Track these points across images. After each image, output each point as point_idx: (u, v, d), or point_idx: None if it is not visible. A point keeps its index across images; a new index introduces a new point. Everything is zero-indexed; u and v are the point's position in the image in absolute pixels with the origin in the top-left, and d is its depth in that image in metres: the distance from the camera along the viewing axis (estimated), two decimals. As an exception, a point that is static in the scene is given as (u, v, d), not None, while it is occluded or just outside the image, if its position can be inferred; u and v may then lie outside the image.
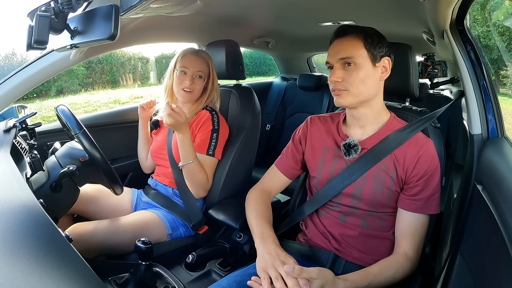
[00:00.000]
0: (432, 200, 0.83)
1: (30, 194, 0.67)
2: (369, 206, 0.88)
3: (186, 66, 1.23)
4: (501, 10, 2.36)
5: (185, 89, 1.23)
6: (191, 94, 1.25)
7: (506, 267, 0.52)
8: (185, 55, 1.25)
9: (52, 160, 1.00)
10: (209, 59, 1.29)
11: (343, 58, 0.82)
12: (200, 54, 1.27)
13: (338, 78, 0.83)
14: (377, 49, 0.82)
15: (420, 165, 0.83)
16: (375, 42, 0.82)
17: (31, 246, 0.52)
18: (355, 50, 0.82)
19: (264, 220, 0.89)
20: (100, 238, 1.05)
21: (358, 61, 0.81)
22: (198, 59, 1.25)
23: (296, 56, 2.61)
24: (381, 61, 0.84)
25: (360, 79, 0.82)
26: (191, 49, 1.29)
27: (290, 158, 1.01)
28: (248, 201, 0.97)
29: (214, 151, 1.23)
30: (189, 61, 1.24)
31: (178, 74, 1.24)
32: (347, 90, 0.83)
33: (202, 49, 1.32)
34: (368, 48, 0.82)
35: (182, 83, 1.23)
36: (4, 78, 1.21)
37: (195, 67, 1.24)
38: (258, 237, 0.83)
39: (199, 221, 1.22)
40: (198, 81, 1.25)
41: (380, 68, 0.84)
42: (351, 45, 0.82)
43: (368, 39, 0.82)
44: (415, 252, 0.83)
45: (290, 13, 1.42)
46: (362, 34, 0.82)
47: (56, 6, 0.58)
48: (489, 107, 0.92)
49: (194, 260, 1.01)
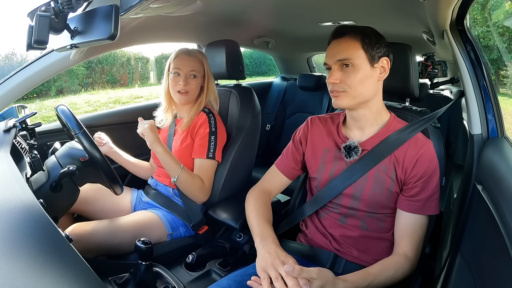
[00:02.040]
0: (431, 201, 0.83)
1: (30, 194, 0.67)
2: (369, 207, 0.88)
3: (179, 67, 1.22)
4: (501, 10, 2.36)
5: (181, 90, 1.22)
6: (187, 95, 1.23)
7: (506, 267, 0.52)
8: (177, 56, 1.24)
9: (52, 160, 1.00)
10: (203, 58, 1.27)
11: (340, 59, 0.82)
12: (193, 54, 1.25)
13: (336, 80, 0.82)
14: (375, 49, 0.82)
15: (419, 166, 0.83)
16: (373, 43, 0.82)
17: (31, 246, 0.52)
18: (352, 52, 0.81)
19: (264, 220, 0.89)
20: (100, 238, 1.05)
21: (356, 63, 0.81)
22: (191, 59, 1.23)
23: (296, 56, 2.62)
24: (379, 62, 0.83)
25: (358, 81, 0.81)
26: (184, 49, 1.26)
27: (290, 159, 1.01)
28: (248, 201, 0.97)
29: (214, 153, 1.22)
30: (181, 62, 1.22)
31: (172, 76, 1.23)
32: (345, 91, 0.83)
33: (195, 48, 1.29)
34: (366, 49, 0.81)
35: (176, 85, 1.22)
36: (4, 78, 1.22)
37: (188, 67, 1.22)
38: (258, 236, 0.83)
39: (199, 221, 1.21)
40: (192, 81, 1.23)
41: (379, 68, 0.84)
42: (349, 46, 0.82)
43: (366, 40, 0.82)
44: (414, 253, 0.83)
45: (290, 13, 1.42)
46: (360, 35, 0.82)
47: (56, 6, 0.58)
48: (489, 107, 0.92)
49: (194, 260, 1.01)
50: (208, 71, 1.28)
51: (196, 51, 1.28)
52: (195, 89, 1.25)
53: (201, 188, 1.20)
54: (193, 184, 1.18)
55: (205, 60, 1.28)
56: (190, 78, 1.23)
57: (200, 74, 1.25)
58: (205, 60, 1.28)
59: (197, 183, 1.19)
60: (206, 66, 1.27)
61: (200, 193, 1.21)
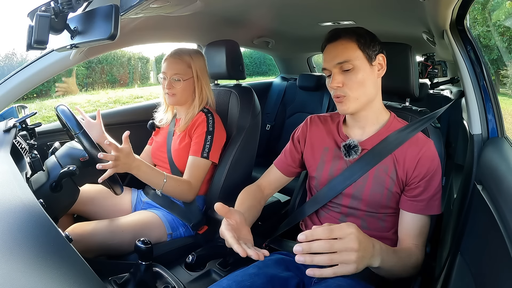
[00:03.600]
0: (434, 201, 0.83)
1: (30, 194, 0.67)
2: (369, 207, 0.88)
3: (165, 70, 1.23)
4: (501, 10, 2.36)
5: (168, 93, 1.23)
6: (174, 97, 1.23)
7: (506, 267, 0.52)
8: (165, 59, 1.24)
9: (52, 160, 1.01)
10: (192, 60, 1.23)
11: (340, 62, 0.81)
12: (179, 56, 1.23)
13: (339, 83, 0.82)
14: (370, 48, 0.82)
15: (421, 166, 0.82)
16: (368, 41, 0.82)
17: (31, 246, 0.52)
18: (351, 53, 0.81)
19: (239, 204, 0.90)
20: (100, 238, 1.05)
21: (356, 64, 0.81)
22: (176, 61, 1.22)
23: (296, 56, 2.61)
24: (376, 59, 0.83)
25: (359, 82, 0.81)
26: (173, 51, 1.25)
27: (289, 157, 1.01)
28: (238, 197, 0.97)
29: (209, 153, 1.20)
30: (167, 65, 1.23)
31: (160, 79, 1.25)
32: (347, 95, 0.82)
33: (187, 49, 1.26)
34: (362, 49, 0.81)
35: (164, 88, 1.24)
36: (4, 78, 1.21)
37: (172, 70, 1.21)
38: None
39: (199, 221, 1.21)
40: (176, 84, 1.22)
41: (376, 66, 0.84)
42: (346, 48, 0.81)
43: (361, 39, 0.82)
44: (423, 246, 0.83)
45: (290, 13, 1.42)
46: (355, 35, 0.82)
47: (56, 6, 0.58)
48: (489, 107, 0.92)
49: (194, 260, 1.01)
50: (199, 73, 1.25)
51: (184, 52, 1.24)
52: (181, 91, 1.23)
53: (188, 190, 1.18)
54: (180, 190, 1.16)
55: (196, 62, 1.24)
56: (174, 81, 1.22)
57: (186, 76, 1.22)
58: (195, 62, 1.24)
59: (184, 188, 1.17)
60: (195, 67, 1.24)
61: (187, 195, 1.19)
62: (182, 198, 1.20)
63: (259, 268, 0.82)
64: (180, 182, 1.16)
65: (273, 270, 0.82)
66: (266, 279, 0.78)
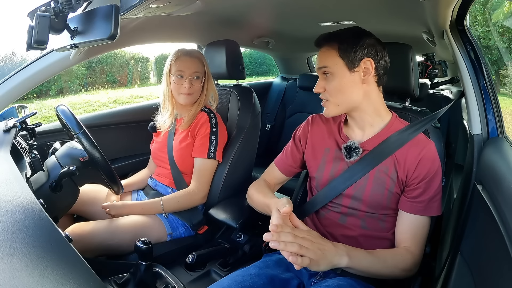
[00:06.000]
0: (433, 202, 0.83)
1: (30, 194, 0.67)
2: (369, 208, 0.88)
3: (182, 69, 1.21)
4: (501, 10, 2.35)
5: (186, 92, 1.21)
6: (191, 96, 1.24)
7: (506, 267, 0.52)
8: (178, 58, 1.22)
9: (52, 160, 1.01)
10: (203, 58, 1.27)
11: (320, 68, 0.85)
12: (194, 55, 1.25)
13: (320, 88, 0.85)
14: (352, 54, 0.81)
15: (421, 167, 0.82)
16: (350, 47, 0.81)
17: (31, 246, 0.52)
18: (329, 60, 0.83)
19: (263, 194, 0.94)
20: (100, 238, 1.05)
21: (333, 70, 0.82)
22: (193, 60, 1.23)
23: (296, 56, 2.61)
24: (360, 65, 0.82)
25: (336, 88, 0.83)
26: (183, 50, 1.25)
27: (289, 157, 1.01)
28: (249, 192, 1.00)
29: (215, 153, 1.22)
30: (184, 64, 1.21)
31: (175, 79, 1.21)
32: (328, 100, 0.85)
33: (194, 49, 1.28)
34: (342, 56, 0.82)
35: (181, 88, 1.21)
36: (4, 78, 1.21)
37: (191, 69, 1.21)
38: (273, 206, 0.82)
39: (199, 221, 1.22)
40: (196, 82, 1.23)
41: (360, 71, 0.82)
42: (325, 55, 0.84)
43: (342, 46, 0.82)
44: (416, 249, 0.83)
45: (290, 13, 1.42)
46: (336, 42, 0.82)
47: (56, 6, 0.58)
48: (489, 107, 0.92)
49: (194, 260, 1.01)
50: (208, 71, 1.28)
51: (195, 51, 1.28)
52: (199, 90, 1.25)
53: (190, 199, 1.20)
54: (183, 203, 1.19)
55: (205, 60, 1.28)
56: (194, 80, 1.23)
57: (202, 74, 1.25)
58: (204, 60, 1.28)
59: (185, 199, 1.20)
60: (206, 65, 1.27)
61: (193, 202, 1.21)
62: (190, 206, 1.22)
63: (259, 268, 0.82)
64: (179, 197, 1.19)
65: (274, 270, 0.83)
66: (267, 280, 0.78)
